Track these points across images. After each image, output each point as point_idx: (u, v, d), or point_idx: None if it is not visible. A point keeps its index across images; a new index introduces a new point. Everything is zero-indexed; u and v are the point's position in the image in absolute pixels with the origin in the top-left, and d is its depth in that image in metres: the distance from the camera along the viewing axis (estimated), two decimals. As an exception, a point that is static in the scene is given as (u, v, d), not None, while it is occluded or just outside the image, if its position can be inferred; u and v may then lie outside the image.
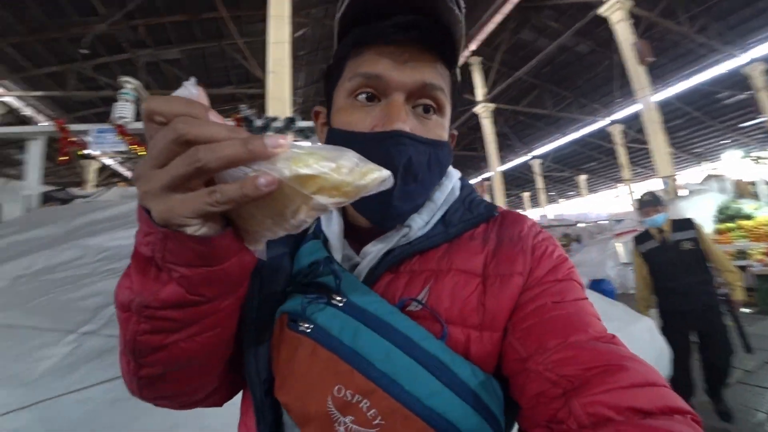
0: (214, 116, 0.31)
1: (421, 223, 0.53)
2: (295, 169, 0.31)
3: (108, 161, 13.46)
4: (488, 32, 12.05)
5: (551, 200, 29.81)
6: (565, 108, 16.21)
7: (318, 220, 0.58)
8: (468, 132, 17.39)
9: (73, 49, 10.13)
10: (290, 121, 2.88)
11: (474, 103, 13.74)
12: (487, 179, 16.05)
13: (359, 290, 0.47)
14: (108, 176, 15.12)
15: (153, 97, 0.32)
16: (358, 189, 0.33)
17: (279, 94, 4.76)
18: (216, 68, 11.60)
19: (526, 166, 21.49)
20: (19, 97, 11.80)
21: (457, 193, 0.59)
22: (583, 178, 24.30)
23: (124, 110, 3.52)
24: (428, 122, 0.51)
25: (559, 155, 20.59)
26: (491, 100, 13.49)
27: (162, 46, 9.83)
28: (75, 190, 4.91)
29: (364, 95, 0.49)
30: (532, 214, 27.36)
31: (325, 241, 0.54)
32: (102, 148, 3.77)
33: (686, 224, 2.78)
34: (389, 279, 0.50)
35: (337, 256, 0.52)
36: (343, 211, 0.56)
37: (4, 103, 11.16)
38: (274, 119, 2.96)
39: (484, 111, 13.54)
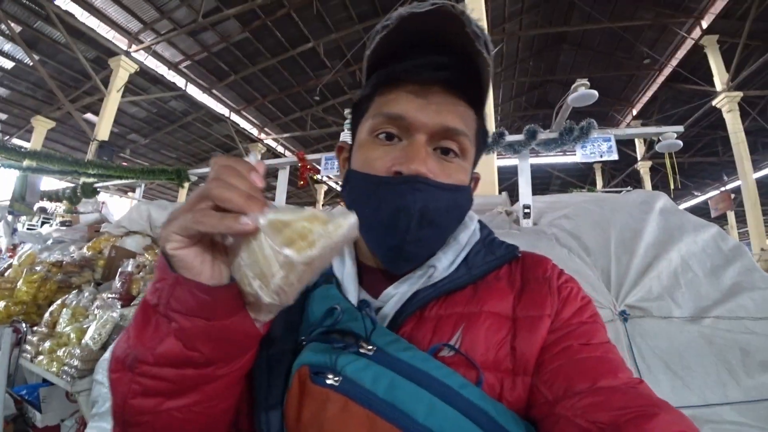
0: (254, 181, 0.35)
1: (446, 263, 0.52)
2: (270, 217, 0.33)
3: (333, 185, 16.46)
4: (727, -1, 9.49)
5: None
6: None
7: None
8: (703, 133, 13.93)
9: (309, 97, 12.77)
10: (500, 135, 2.83)
11: (712, 94, 10.91)
12: (733, 191, 12.48)
13: (387, 337, 0.44)
14: (333, 197, 18.27)
15: (216, 157, 0.36)
16: (324, 236, 0.34)
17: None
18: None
19: (798, 169, 15.81)
20: (274, 139, 15.53)
21: (478, 235, 0.58)
22: None
23: (348, 139, 4.12)
24: (449, 165, 0.50)
25: None
26: (737, 88, 10.41)
27: (372, 86, 11.37)
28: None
29: (384, 134, 0.49)
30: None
31: (338, 285, 0.52)
32: (330, 173, 4.47)
33: None
34: (414, 323, 0.48)
35: (352, 299, 0.50)
36: (354, 252, 0.55)
37: (266, 144, 14.99)
38: (485, 134, 2.97)
39: (727, 103, 10.52)
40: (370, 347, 0.41)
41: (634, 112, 14.85)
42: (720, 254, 1.54)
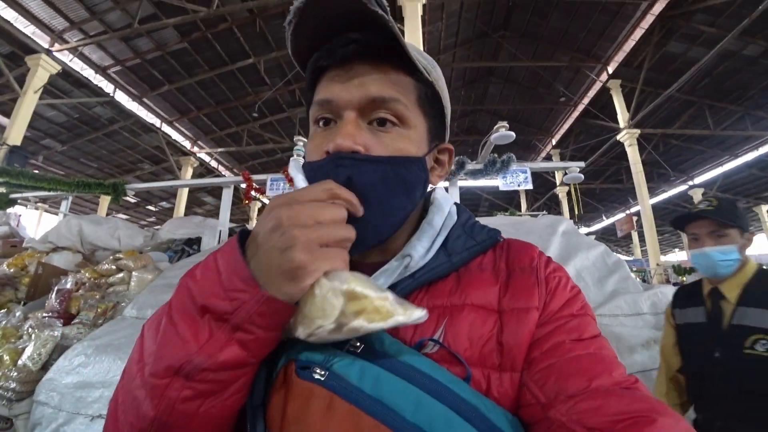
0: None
1: (422, 251, 0.50)
2: (350, 285, 0.36)
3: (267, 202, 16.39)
4: (627, 51, 11.12)
5: (721, 235, 24.78)
6: (733, 125, 13.70)
7: None
8: (611, 162, 15.88)
9: (246, 113, 12.63)
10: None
11: (615, 130, 12.60)
12: (635, 214, 14.30)
13: (373, 332, 0.41)
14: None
15: (299, 191, 0.39)
16: (397, 321, 0.36)
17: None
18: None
19: (684, 197, 18.44)
20: (208, 153, 15.03)
21: (455, 217, 0.56)
22: (766, 209, 19.78)
23: (297, 163, 4.28)
24: (385, 136, 0.48)
25: (729, 182, 17.15)
26: (636, 126, 12.16)
27: (314, 105, 11.62)
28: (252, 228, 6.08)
29: (322, 121, 0.50)
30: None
31: None
32: (276, 193, 4.58)
33: None
34: None
35: None
36: None
37: (198, 158, 14.46)
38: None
39: (628, 138, 12.22)
40: (357, 344, 0.41)
41: (554, 141, 16.54)
42: (605, 267, 1.98)
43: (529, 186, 3.12)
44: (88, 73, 10.04)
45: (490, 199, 18.50)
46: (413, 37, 6.40)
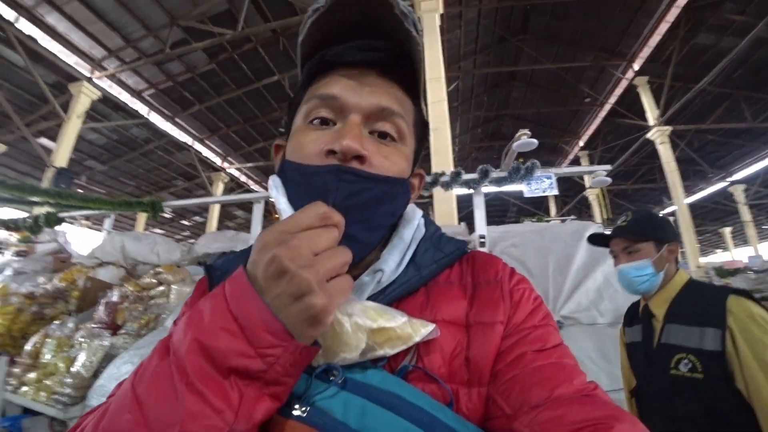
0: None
1: (392, 264, 0.49)
2: (377, 323, 0.39)
3: None
4: (653, 46, 10.75)
5: (765, 235, 23.55)
6: (775, 116, 12.98)
7: None
8: (641, 162, 15.34)
9: (273, 128, 13.02)
10: (457, 175, 3.21)
11: (645, 128, 12.18)
12: (671, 214, 13.73)
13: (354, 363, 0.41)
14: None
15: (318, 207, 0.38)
16: (414, 342, 0.41)
17: (441, 148, 5.22)
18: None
19: (724, 195, 17.53)
20: (237, 169, 15.55)
21: (423, 230, 0.56)
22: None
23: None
24: (385, 148, 0.47)
25: (773, 176, 16.24)
26: (666, 123, 11.72)
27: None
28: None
29: (318, 119, 0.47)
30: (738, 253, 21.84)
31: None
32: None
33: (708, 305, 1.20)
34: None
35: None
36: None
37: (229, 173, 14.99)
38: (442, 174, 3.32)
39: (659, 136, 11.79)
40: (338, 374, 0.39)
41: (581, 143, 16.16)
42: (633, 273, 1.94)
43: (555, 192, 3.11)
44: (124, 97, 10.61)
45: (518, 204, 18.21)
46: (432, 47, 6.47)
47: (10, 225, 6.11)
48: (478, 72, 12.92)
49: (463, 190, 3.35)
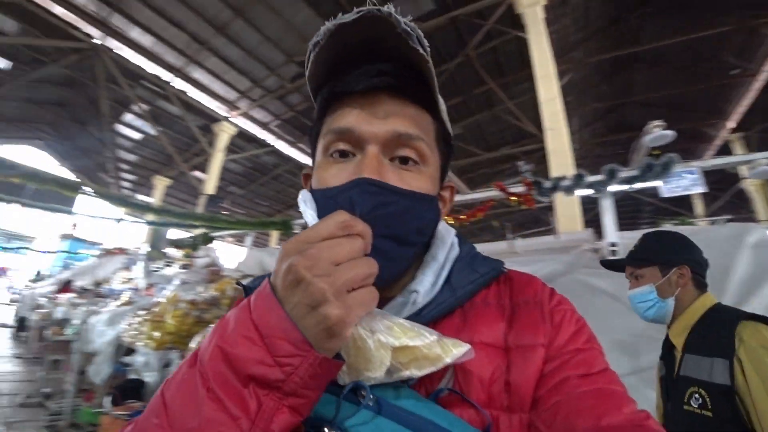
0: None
1: (427, 285, 0.48)
2: (401, 341, 0.37)
3: None
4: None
5: None
6: None
7: None
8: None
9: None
10: (579, 178, 2.97)
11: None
12: None
13: (387, 383, 0.39)
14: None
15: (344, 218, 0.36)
16: (446, 363, 0.38)
17: (559, 148, 4.92)
18: (491, 132, 12.82)
19: None
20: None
21: (457, 249, 0.54)
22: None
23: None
24: (407, 174, 0.46)
25: None
26: None
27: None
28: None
29: (337, 152, 0.47)
30: None
31: None
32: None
33: (718, 333, 1.06)
34: None
35: None
36: None
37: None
38: (562, 178, 3.11)
39: None
40: (370, 397, 0.38)
41: (731, 124, 13.59)
42: (821, 287, 1.59)
43: (700, 189, 2.65)
44: (255, 130, 12.22)
45: (653, 203, 15.95)
46: (538, 43, 6.15)
47: (177, 243, 7.48)
48: (593, 60, 11.77)
49: (588, 191, 3.07)
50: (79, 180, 10.12)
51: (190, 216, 6.98)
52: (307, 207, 0.47)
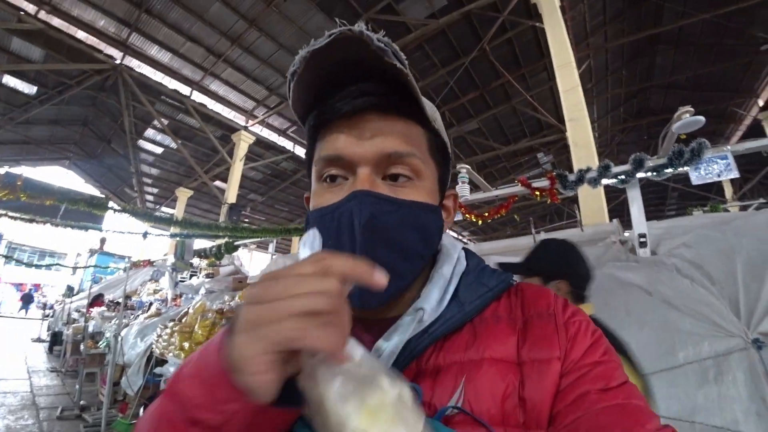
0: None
1: (433, 302, 0.46)
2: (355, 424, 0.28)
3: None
4: None
5: None
6: None
7: None
8: None
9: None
10: (605, 169, 2.88)
11: None
12: None
13: None
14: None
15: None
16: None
17: (582, 139, 4.81)
18: (510, 125, 12.58)
19: None
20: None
21: (464, 263, 0.53)
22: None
23: (463, 190, 4.27)
24: (401, 191, 0.46)
25: None
26: None
27: (464, 122, 11.75)
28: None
29: (329, 177, 0.47)
30: None
31: None
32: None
33: None
34: (411, 379, 0.42)
35: None
36: None
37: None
38: (587, 170, 3.03)
39: None
40: None
41: (761, 102, 12.97)
42: None
43: (733, 175, 2.51)
44: (273, 137, 12.40)
45: (679, 188, 15.40)
46: (556, 32, 6.01)
47: (201, 253, 7.66)
48: (612, 45, 11.44)
49: (614, 182, 2.97)
50: (105, 197, 10.50)
51: (213, 226, 7.13)
52: (304, 249, 0.44)
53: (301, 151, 13.27)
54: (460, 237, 18.42)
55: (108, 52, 9.05)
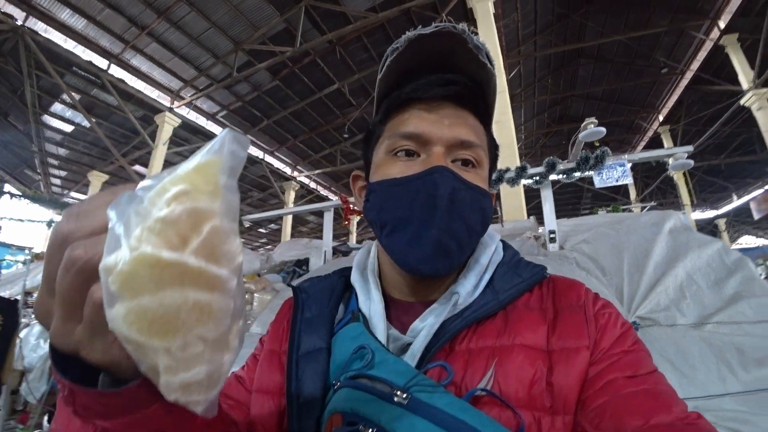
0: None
1: (469, 287, 0.50)
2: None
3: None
4: (742, -4, 9.43)
5: None
6: None
7: (354, 297, 0.55)
8: (737, 132, 13.53)
9: (337, 134, 13.50)
10: (522, 170, 3.10)
11: (739, 93, 10.68)
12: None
13: (421, 382, 0.41)
14: (364, 228, 18.75)
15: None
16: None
17: (506, 141, 5.07)
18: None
19: None
20: (307, 176, 16.34)
21: (501, 254, 0.56)
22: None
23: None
24: (467, 174, 0.50)
25: None
26: (764, 84, 10.15)
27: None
28: (351, 244, 6.49)
29: (403, 152, 0.50)
30: None
31: (365, 322, 0.50)
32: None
33: None
34: (444, 358, 0.45)
35: (381, 337, 0.47)
36: (380, 284, 0.54)
37: (299, 181, 15.81)
38: (506, 170, 3.23)
39: (756, 100, 10.26)
40: (404, 395, 0.39)
41: (661, 117, 14.69)
42: (723, 267, 1.78)
43: (628, 180, 2.89)
44: (201, 121, 11.68)
45: (593, 190, 16.98)
46: (488, 35, 6.30)
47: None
48: (540, 54, 12.25)
49: (530, 182, 3.23)
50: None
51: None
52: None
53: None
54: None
55: (7, 10, 7.91)
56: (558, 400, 0.41)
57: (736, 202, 18.44)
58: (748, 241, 24.41)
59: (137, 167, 12.15)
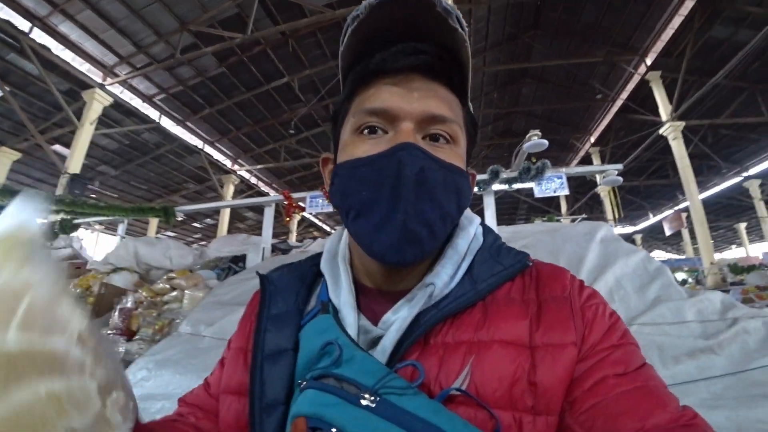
0: None
1: (446, 278, 0.46)
2: None
3: (309, 217, 16.85)
4: (666, 40, 10.56)
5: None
6: (792, 109, 12.59)
7: (323, 285, 0.52)
8: (654, 158, 15.12)
9: (283, 130, 13.13)
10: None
11: (658, 124, 11.98)
12: (684, 210, 13.50)
13: (390, 382, 0.38)
14: (305, 227, 18.39)
15: None
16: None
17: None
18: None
19: (739, 190, 17.12)
20: (248, 170, 15.71)
21: (481, 239, 0.52)
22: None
23: None
24: (440, 150, 0.46)
25: (791, 171, 15.79)
26: (680, 117, 11.47)
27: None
28: (292, 242, 6.29)
29: (368, 129, 0.46)
30: (754, 249, 21.40)
31: (335, 313, 0.47)
32: (315, 210, 4.72)
33: None
34: (418, 353, 0.42)
35: (352, 330, 0.44)
36: (351, 272, 0.51)
37: (239, 175, 15.16)
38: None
39: (672, 131, 11.57)
40: (372, 398, 0.37)
41: (592, 139, 15.98)
42: (646, 274, 1.94)
43: (565, 192, 3.09)
44: (136, 102, 10.78)
45: (528, 202, 18.05)
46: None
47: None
48: (489, 69, 12.83)
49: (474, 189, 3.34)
50: None
51: (47, 199, 5.87)
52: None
53: (168, 123, 11.84)
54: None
55: None
56: (541, 400, 0.39)
57: (651, 220, 20.62)
58: (659, 254, 27.47)
59: (57, 147, 10.95)
